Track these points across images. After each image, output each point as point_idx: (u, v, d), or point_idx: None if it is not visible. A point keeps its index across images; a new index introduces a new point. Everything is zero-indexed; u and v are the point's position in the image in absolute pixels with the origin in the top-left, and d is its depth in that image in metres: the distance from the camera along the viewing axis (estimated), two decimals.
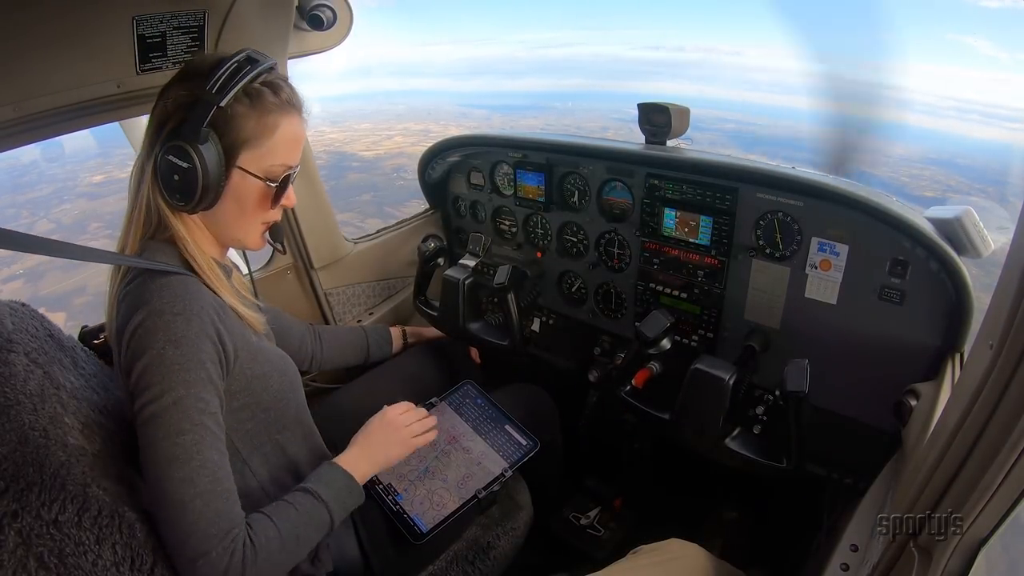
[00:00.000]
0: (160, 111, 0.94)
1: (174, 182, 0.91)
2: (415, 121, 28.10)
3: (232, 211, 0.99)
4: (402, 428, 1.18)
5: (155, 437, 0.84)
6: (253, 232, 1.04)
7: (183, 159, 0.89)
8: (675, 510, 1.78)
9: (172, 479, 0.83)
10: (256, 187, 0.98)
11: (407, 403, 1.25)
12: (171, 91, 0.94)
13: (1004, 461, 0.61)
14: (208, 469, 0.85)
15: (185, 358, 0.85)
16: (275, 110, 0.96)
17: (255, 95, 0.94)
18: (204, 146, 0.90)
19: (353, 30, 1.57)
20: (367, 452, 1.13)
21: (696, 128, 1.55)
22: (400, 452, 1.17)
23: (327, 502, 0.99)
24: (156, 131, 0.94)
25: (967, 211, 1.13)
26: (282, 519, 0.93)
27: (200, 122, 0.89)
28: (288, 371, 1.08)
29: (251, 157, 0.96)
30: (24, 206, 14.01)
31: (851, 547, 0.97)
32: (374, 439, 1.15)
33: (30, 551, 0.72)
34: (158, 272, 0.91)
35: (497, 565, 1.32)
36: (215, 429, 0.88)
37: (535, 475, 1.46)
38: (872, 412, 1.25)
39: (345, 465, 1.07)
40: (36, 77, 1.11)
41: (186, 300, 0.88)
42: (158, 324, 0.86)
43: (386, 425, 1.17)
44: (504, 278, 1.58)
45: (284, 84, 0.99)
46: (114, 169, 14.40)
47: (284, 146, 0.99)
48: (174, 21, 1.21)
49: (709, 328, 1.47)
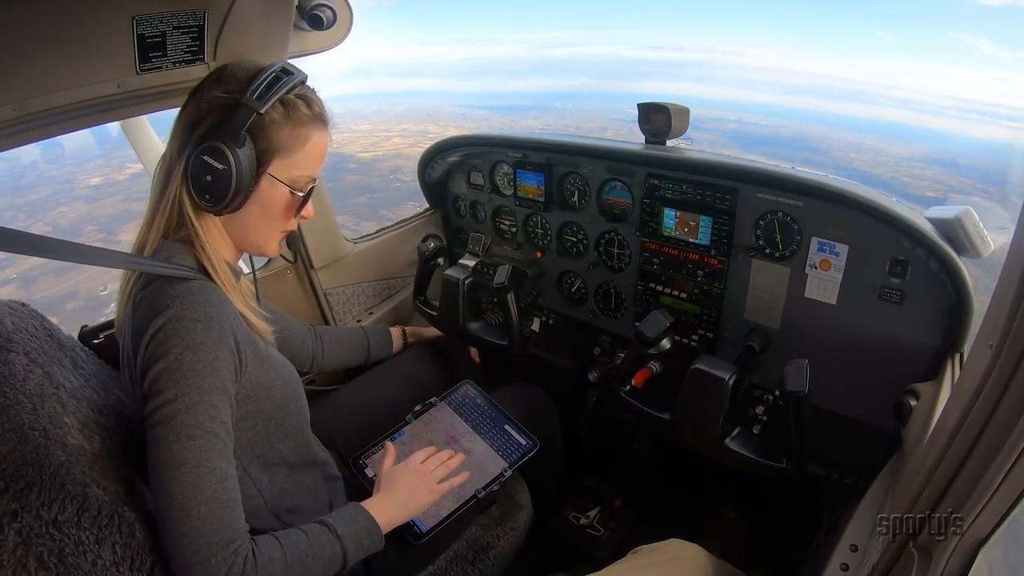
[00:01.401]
0: (193, 110, 0.94)
1: (205, 182, 0.91)
2: (414, 122, 28.08)
3: (256, 217, 1.00)
4: (428, 474, 1.16)
5: (165, 440, 0.83)
6: (273, 239, 1.05)
7: (219, 160, 0.90)
8: (675, 510, 1.78)
9: (179, 483, 0.82)
10: (282, 195, 1.00)
11: (430, 448, 1.23)
12: (206, 92, 0.94)
13: (1004, 461, 0.61)
14: (216, 477, 0.85)
15: (202, 364, 0.85)
16: (308, 122, 0.98)
17: (290, 106, 0.96)
18: (241, 150, 0.91)
19: (353, 30, 1.57)
20: (394, 500, 1.10)
21: (696, 128, 1.55)
22: (429, 499, 1.14)
23: (342, 538, 0.97)
24: (188, 130, 0.94)
25: (967, 211, 1.13)
26: (290, 544, 0.91)
27: (241, 125, 0.90)
28: (291, 380, 1.08)
29: (281, 165, 0.98)
30: (21, 208, 13.99)
31: (851, 547, 0.97)
32: (399, 487, 1.12)
33: (30, 551, 0.72)
34: (176, 276, 0.90)
35: (497, 565, 1.32)
36: (225, 438, 0.88)
37: (535, 475, 1.46)
38: (872, 412, 1.25)
39: (371, 509, 1.04)
40: (36, 77, 1.11)
41: (207, 307, 0.88)
42: (177, 329, 0.85)
43: (411, 473, 1.15)
44: (504, 278, 1.58)
45: (316, 98, 1.01)
46: (112, 171, 14.36)
47: (312, 158, 1.01)
48: (174, 21, 1.21)
49: (709, 328, 1.47)
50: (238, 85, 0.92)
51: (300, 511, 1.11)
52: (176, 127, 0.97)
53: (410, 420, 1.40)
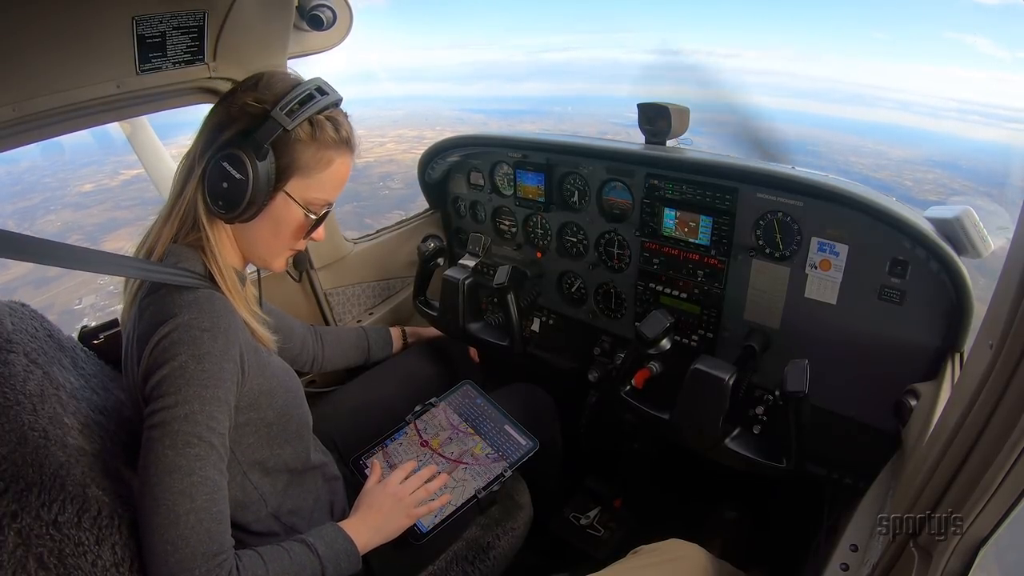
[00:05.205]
0: (223, 113, 0.94)
1: (221, 189, 0.91)
2: (410, 127, 27.92)
3: (267, 232, 0.99)
4: (405, 498, 1.13)
5: (160, 444, 0.82)
6: (280, 256, 1.05)
7: (238, 169, 0.89)
8: (675, 510, 1.78)
9: (169, 489, 0.81)
10: (296, 215, 0.99)
11: (408, 465, 1.20)
12: (239, 96, 0.94)
13: (1004, 461, 0.61)
14: (207, 487, 0.83)
15: (206, 374, 0.85)
16: (333, 146, 0.97)
17: (318, 126, 0.95)
18: (261, 163, 0.91)
19: (352, 30, 1.57)
20: (371, 523, 1.08)
21: (695, 132, 1.55)
22: (404, 523, 1.12)
23: (322, 559, 0.95)
24: (214, 131, 0.94)
25: (967, 211, 1.13)
26: (273, 562, 0.90)
27: (265, 138, 0.90)
28: (293, 387, 1.08)
29: (299, 185, 0.97)
30: (11, 216, 13.87)
31: (851, 547, 0.97)
32: (377, 510, 1.10)
33: (30, 551, 0.72)
34: (184, 285, 0.90)
35: (497, 565, 1.32)
36: (220, 450, 0.87)
37: (535, 475, 1.46)
38: (872, 412, 1.25)
39: (349, 531, 1.02)
40: (36, 77, 1.11)
41: (214, 317, 0.88)
42: (184, 337, 0.85)
43: (389, 496, 1.12)
44: (504, 278, 1.58)
45: (345, 121, 1.00)
46: (104, 177, 14.25)
47: (332, 182, 1.00)
48: (174, 21, 1.21)
49: (709, 328, 1.47)
50: (271, 96, 0.91)
51: (300, 512, 1.11)
52: (204, 126, 0.96)
53: (410, 420, 1.40)
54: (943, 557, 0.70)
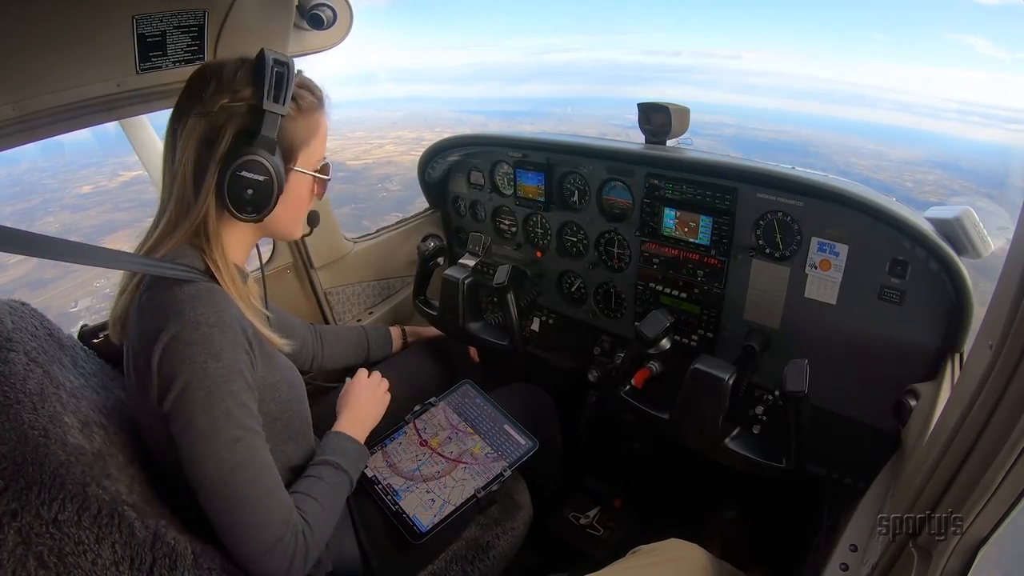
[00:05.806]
0: (203, 124, 0.90)
1: (247, 196, 0.90)
2: (409, 129, 27.88)
3: (289, 209, 1.01)
4: (376, 388, 1.32)
5: (213, 448, 0.85)
6: (300, 223, 1.09)
7: (258, 173, 0.90)
8: (675, 510, 1.78)
9: (238, 484, 0.86)
10: (307, 183, 1.03)
11: (362, 370, 1.36)
12: (209, 100, 0.89)
13: (1004, 461, 0.61)
14: (268, 467, 0.90)
15: (227, 369, 0.86)
16: (315, 109, 1.00)
17: (298, 98, 0.96)
18: (274, 156, 0.92)
19: (353, 29, 1.57)
20: (360, 416, 1.23)
21: (695, 133, 1.56)
22: (381, 410, 1.30)
23: (347, 470, 1.08)
24: (205, 144, 0.90)
25: (967, 211, 1.13)
26: (320, 493, 1.00)
27: (271, 132, 0.90)
28: (296, 383, 1.08)
29: (303, 157, 1.00)
30: (10, 217, 13.79)
31: (851, 547, 0.97)
32: (362, 404, 1.26)
33: (30, 550, 0.72)
34: (181, 278, 0.89)
35: (496, 565, 1.32)
36: (260, 429, 0.92)
37: (534, 475, 1.46)
38: (872, 412, 1.25)
39: (349, 432, 1.16)
40: (36, 76, 1.11)
41: (218, 311, 0.88)
42: (195, 337, 0.85)
43: (364, 388, 1.30)
44: (504, 278, 1.58)
45: (311, 81, 1.01)
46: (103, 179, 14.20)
47: (323, 140, 1.04)
48: (174, 20, 1.21)
49: (709, 328, 1.47)
50: (246, 88, 0.90)
51: None
52: (185, 143, 0.90)
53: (409, 420, 1.40)
54: (943, 557, 0.70)
